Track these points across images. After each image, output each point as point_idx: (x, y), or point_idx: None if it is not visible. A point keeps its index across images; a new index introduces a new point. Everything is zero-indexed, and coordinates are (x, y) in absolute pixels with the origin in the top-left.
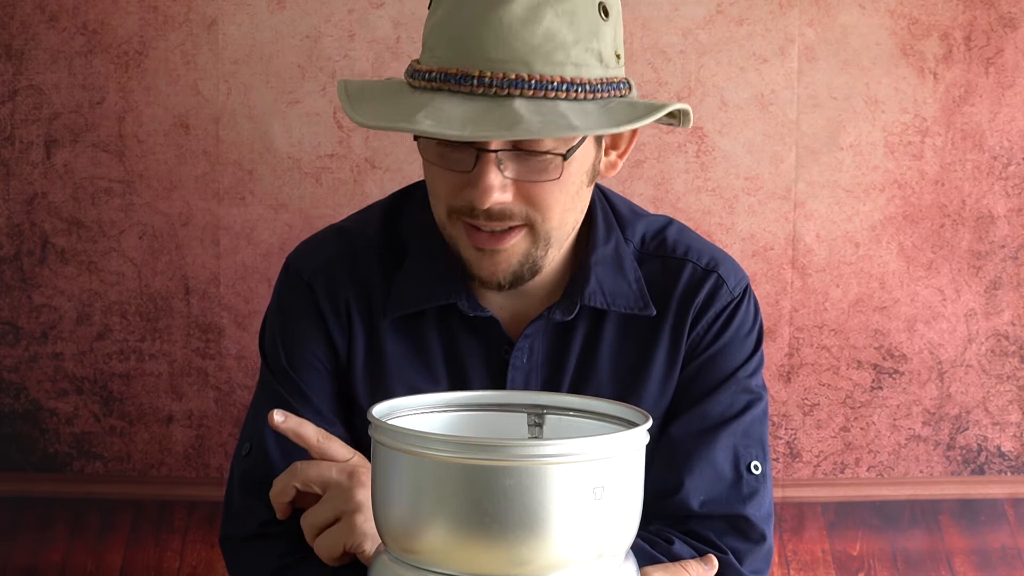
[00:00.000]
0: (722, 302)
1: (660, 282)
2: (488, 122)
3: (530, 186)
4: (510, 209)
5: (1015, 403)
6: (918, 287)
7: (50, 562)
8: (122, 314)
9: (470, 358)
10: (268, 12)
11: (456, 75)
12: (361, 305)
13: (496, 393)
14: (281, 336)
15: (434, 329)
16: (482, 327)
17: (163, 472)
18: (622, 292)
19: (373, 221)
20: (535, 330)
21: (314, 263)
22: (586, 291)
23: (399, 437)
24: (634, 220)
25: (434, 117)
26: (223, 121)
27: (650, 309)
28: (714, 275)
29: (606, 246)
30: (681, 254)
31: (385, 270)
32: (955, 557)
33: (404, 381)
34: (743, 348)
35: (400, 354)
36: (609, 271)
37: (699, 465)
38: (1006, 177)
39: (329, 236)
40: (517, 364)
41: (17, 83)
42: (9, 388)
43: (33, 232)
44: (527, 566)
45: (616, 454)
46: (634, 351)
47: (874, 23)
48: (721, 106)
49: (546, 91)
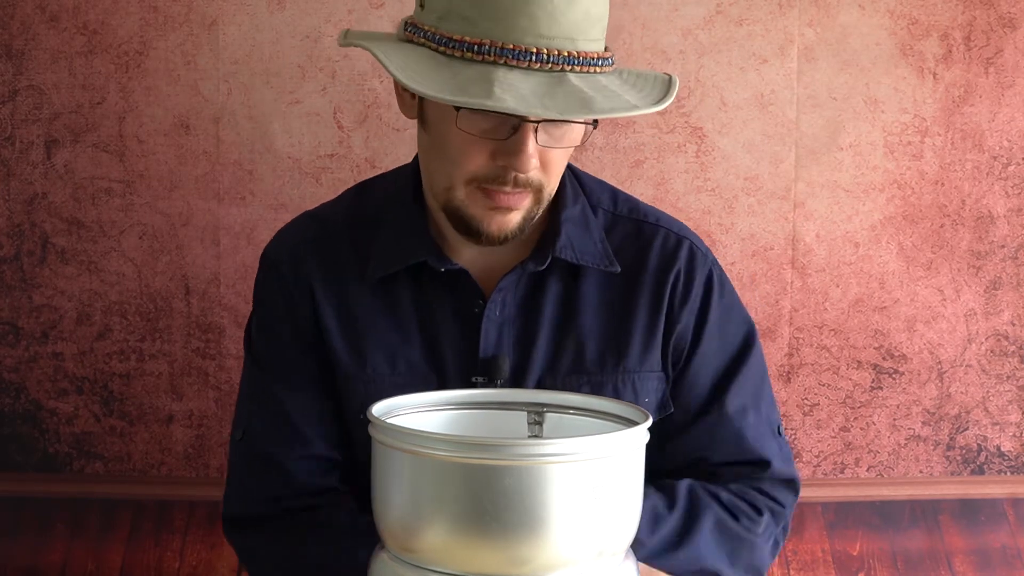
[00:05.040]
0: (703, 271)
1: (634, 243)
2: (558, 98)
3: (550, 153)
4: (532, 178)
5: (1015, 403)
6: (918, 287)
7: (50, 562)
8: (122, 314)
9: (442, 315)
10: (268, 12)
11: (514, 50)
12: (331, 278)
13: (496, 391)
14: (257, 323)
15: (407, 290)
16: (453, 284)
17: (163, 472)
18: (589, 249)
19: (341, 202)
20: (508, 283)
21: (284, 247)
22: (557, 244)
23: (399, 436)
24: (598, 187)
25: (511, 94)
26: (223, 121)
27: (615, 266)
28: (687, 242)
29: (574, 207)
30: (653, 220)
31: (354, 243)
32: (955, 557)
33: (379, 342)
34: (734, 311)
35: (374, 318)
36: (577, 229)
37: (754, 435)
38: (1006, 177)
39: (299, 221)
40: (491, 316)
41: (17, 83)
42: (9, 388)
43: (33, 232)
44: (527, 565)
45: (616, 453)
46: (615, 307)
47: (874, 23)
48: (721, 106)
49: (589, 67)
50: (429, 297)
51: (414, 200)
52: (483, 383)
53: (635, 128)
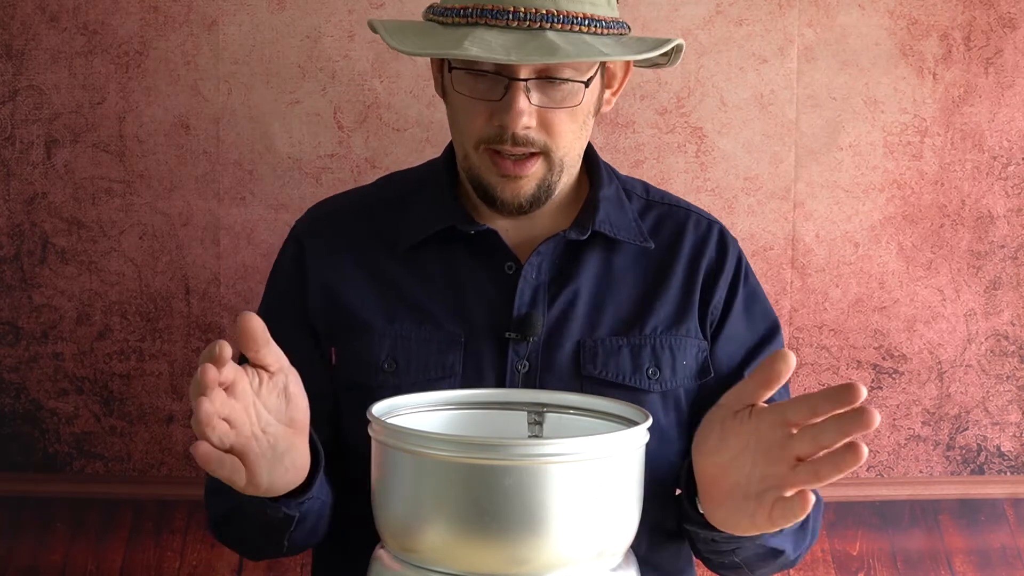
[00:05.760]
0: (733, 253)
1: (669, 225)
2: (528, 49)
3: (550, 115)
4: (532, 136)
5: (1015, 403)
6: (917, 287)
7: (50, 562)
8: (122, 314)
9: (472, 277)
10: (268, 12)
11: (492, 10)
12: (357, 246)
13: (496, 391)
14: (263, 298)
15: (436, 258)
16: (484, 247)
17: (163, 472)
18: (625, 225)
19: (370, 186)
20: (546, 249)
21: (310, 220)
22: (596, 218)
23: (399, 436)
24: (630, 180)
25: (479, 45)
26: (223, 121)
27: (649, 243)
28: (718, 225)
29: (609, 187)
30: (685, 206)
31: (382, 220)
32: (955, 557)
33: (405, 300)
34: (761, 294)
35: (401, 280)
36: (613, 207)
37: None
38: (1005, 177)
39: (328, 198)
40: (527, 278)
41: (17, 83)
42: (9, 388)
43: (33, 232)
44: (527, 565)
45: (616, 453)
46: (650, 280)
47: (873, 23)
48: (721, 106)
49: (572, 25)
50: (459, 261)
51: (447, 177)
52: (516, 339)
53: (635, 128)
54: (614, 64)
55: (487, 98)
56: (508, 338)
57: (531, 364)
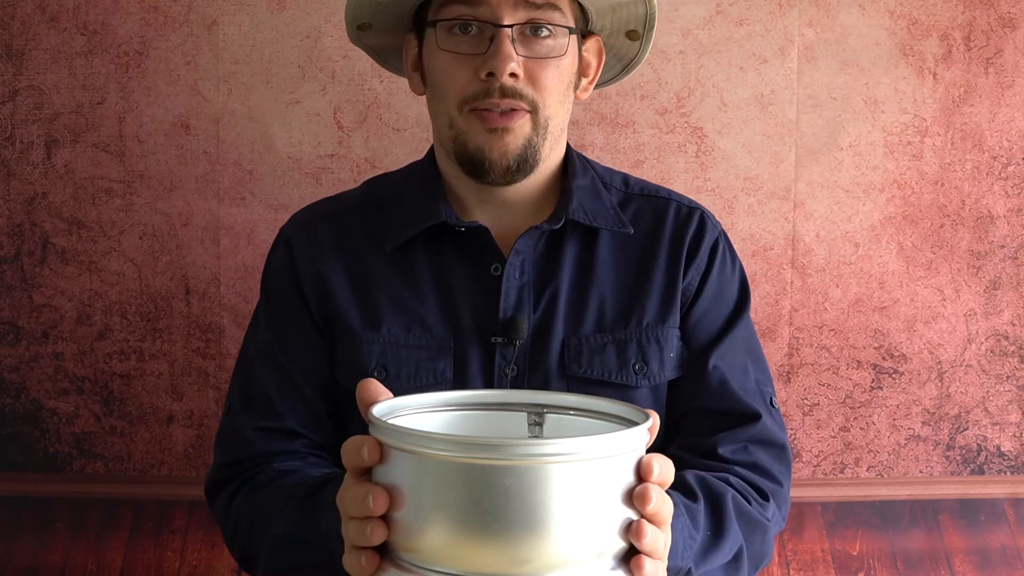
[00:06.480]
0: (711, 236)
1: (649, 213)
2: None
3: (536, 68)
4: (519, 88)
5: (1014, 403)
6: (917, 287)
7: (50, 562)
8: (122, 314)
9: (460, 279)
10: (268, 12)
11: None
12: (345, 247)
13: (496, 392)
14: (261, 297)
15: (424, 257)
16: (471, 245)
17: (163, 472)
18: (602, 213)
19: (355, 190)
20: (525, 246)
21: (296, 223)
22: (570, 207)
23: (399, 436)
24: (609, 172)
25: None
26: (223, 121)
27: (628, 228)
28: (699, 211)
29: (583, 178)
30: (665, 195)
31: (368, 222)
32: (955, 557)
33: (394, 305)
34: (736, 276)
35: (390, 283)
36: (588, 196)
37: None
38: (1005, 177)
39: (313, 203)
40: (511, 278)
41: (18, 83)
42: (9, 388)
43: (34, 232)
44: (527, 565)
45: (616, 453)
46: (632, 268)
47: (874, 23)
48: (721, 106)
49: None
50: (446, 261)
51: (432, 172)
52: (502, 343)
53: (635, 128)
54: (587, 51)
55: (473, 52)
56: (494, 343)
57: (519, 368)
